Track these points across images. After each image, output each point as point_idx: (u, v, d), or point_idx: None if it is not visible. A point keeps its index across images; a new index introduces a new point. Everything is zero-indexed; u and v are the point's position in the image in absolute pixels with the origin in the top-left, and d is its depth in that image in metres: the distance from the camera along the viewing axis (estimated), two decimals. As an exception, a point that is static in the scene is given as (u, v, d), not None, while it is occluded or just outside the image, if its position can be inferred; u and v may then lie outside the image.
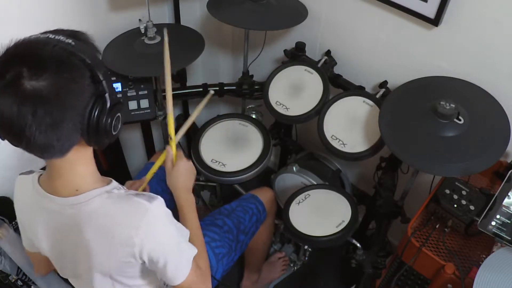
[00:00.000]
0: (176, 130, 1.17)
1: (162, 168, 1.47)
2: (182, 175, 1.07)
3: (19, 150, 1.50)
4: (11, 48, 0.70)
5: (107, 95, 0.76)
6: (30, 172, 0.93)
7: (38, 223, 0.89)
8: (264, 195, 1.49)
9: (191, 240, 0.96)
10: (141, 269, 0.91)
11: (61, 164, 0.80)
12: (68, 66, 0.70)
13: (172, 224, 0.90)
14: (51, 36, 0.72)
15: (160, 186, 1.38)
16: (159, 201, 0.85)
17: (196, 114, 1.22)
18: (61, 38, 0.72)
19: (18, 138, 0.70)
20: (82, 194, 0.82)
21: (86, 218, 0.82)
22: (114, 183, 0.89)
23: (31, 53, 0.69)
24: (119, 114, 0.81)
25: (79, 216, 0.82)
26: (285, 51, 1.67)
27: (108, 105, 0.76)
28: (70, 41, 0.72)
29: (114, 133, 0.80)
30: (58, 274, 1.56)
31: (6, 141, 1.12)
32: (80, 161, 0.82)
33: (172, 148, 1.09)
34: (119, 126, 0.83)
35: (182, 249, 0.92)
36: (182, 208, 1.05)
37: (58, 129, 0.70)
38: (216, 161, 1.53)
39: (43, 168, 0.94)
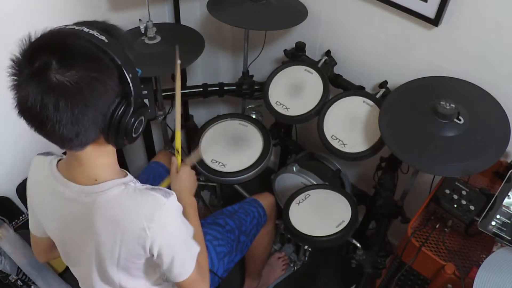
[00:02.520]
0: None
1: (159, 176, 1.48)
2: (186, 180, 1.14)
3: (19, 151, 1.50)
4: (44, 37, 0.70)
5: (132, 98, 0.76)
6: (48, 153, 0.93)
7: (49, 206, 0.90)
8: (265, 200, 1.50)
9: (193, 238, 0.98)
10: (147, 263, 0.91)
11: (82, 155, 0.81)
12: (97, 64, 0.70)
13: (182, 220, 0.91)
14: (85, 29, 0.72)
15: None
16: (174, 197, 0.86)
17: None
18: (95, 33, 0.72)
19: (39, 126, 0.71)
20: (100, 184, 0.83)
21: (101, 207, 0.83)
22: (130, 176, 0.90)
23: (63, 45, 0.69)
24: (142, 117, 0.81)
25: (94, 204, 0.83)
26: (285, 51, 1.67)
27: (132, 107, 0.76)
28: (103, 37, 0.72)
29: (134, 135, 0.81)
30: (58, 274, 1.57)
31: (6, 143, 1.14)
32: (101, 153, 0.83)
33: (178, 159, 1.17)
34: (141, 129, 0.83)
35: (189, 246, 0.93)
36: (185, 208, 1.07)
37: (77, 125, 0.71)
38: (216, 161, 1.53)
39: (64, 153, 0.94)
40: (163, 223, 0.83)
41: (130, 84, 0.74)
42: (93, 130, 0.74)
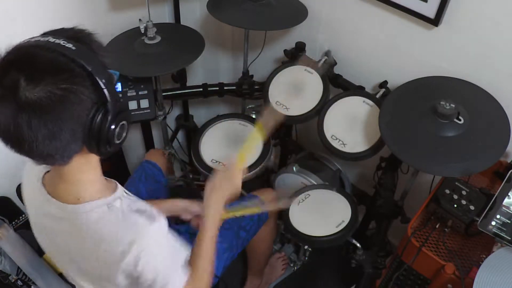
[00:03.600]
0: (176, 131, 1.14)
1: (151, 175, 1.46)
2: (233, 180, 1.06)
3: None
4: (10, 53, 0.67)
5: (109, 104, 0.72)
6: None
7: (37, 218, 0.89)
8: (265, 195, 1.49)
9: (205, 250, 0.98)
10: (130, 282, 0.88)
11: (64, 170, 0.79)
12: (66, 75, 0.67)
13: (169, 246, 0.88)
14: (51, 39, 0.68)
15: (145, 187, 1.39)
16: (160, 223, 0.84)
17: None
18: (62, 42, 0.68)
19: (18, 147, 0.69)
20: (82, 204, 0.81)
21: (83, 228, 0.81)
22: (118, 192, 0.86)
23: (29, 60, 0.66)
24: (124, 122, 0.77)
25: (76, 224, 0.81)
26: (285, 51, 1.67)
27: (111, 114, 0.73)
28: (70, 45, 0.68)
29: (117, 142, 0.77)
30: (58, 274, 1.57)
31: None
32: (85, 167, 0.80)
33: (242, 156, 1.09)
34: (124, 135, 0.79)
35: (174, 273, 0.89)
36: (206, 222, 1.03)
37: (55, 140, 0.68)
38: (216, 161, 1.53)
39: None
40: (144, 249, 0.80)
41: (105, 89, 0.71)
42: (73, 143, 0.72)
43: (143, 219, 0.82)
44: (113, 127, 0.74)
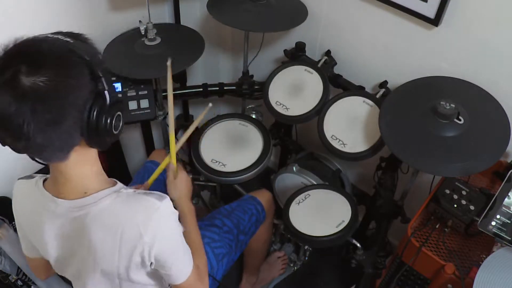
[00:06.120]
0: (176, 131, 1.15)
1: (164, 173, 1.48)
2: (184, 186, 1.13)
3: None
4: (10, 46, 0.70)
5: (106, 92, 0.74)
6: (30, 176, 0.92)
7: (44, 228, 0.87)
8: (262, 196, 1.50)
9: (193, 242, 1.00)
10: (148, 271, 0.90)
11: (66, 167, 0.79)
12: (66, 62, 0.70)
13: (178, 223, 0.91)
14: (49, 35, 0.73)
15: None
16: (168, 200, 0.86)
17: (195, 125, 1.24)
18: (60, 37, 0.73)
19: (17, 137, 0.69)
20: (91, 195, 0.82)
21: (95, 219, 0.82)
22: (120, 184, 0.88)
23: (29, 50, 0.69)
24: (119, 113, 0.80)
25: (87, 217, 0.82)
26: (285, 51, 1.67)
27: (108, 102, 0.75)
28: (68, 39, 0.73)
29: (115, 132, 0.79)
30: (59, 274, 1.57)
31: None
32: (85, 162, 0.82)
33: (173, 161, 1.15)
34: (120, 125, 0.82)
35: (185, 248, 0.93)
36: (186, 215, 1.09)
37: (57, 126, 0.70)
38: (216, 161, 1.53)
39: (40, 171, 0.92)
40: (159, 227, 0.83)
41: (102, 78, 0.73)
42: (73, 132, 0.73)
43: (153, 198, 0.84)
44: (110, 116, 0.76)
